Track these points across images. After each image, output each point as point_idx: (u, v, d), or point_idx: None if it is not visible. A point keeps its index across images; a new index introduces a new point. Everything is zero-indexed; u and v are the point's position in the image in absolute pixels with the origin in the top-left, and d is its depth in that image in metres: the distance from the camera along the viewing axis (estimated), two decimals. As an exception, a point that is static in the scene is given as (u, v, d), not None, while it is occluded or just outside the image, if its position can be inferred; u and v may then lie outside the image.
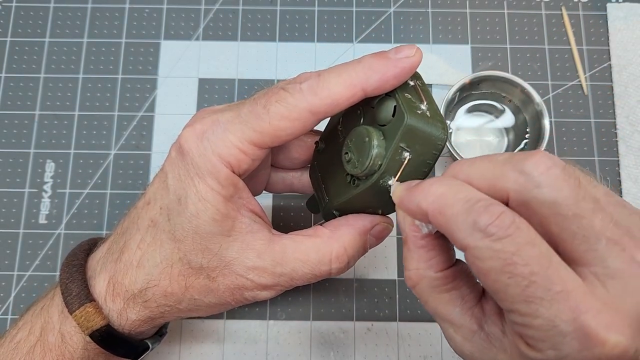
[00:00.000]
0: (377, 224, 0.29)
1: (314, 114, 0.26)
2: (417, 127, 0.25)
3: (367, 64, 0.25)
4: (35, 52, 0.46)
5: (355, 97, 0.26)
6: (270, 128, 0.26)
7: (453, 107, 0.43)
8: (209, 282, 0.28)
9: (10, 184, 0.43)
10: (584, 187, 0.20)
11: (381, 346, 0.39)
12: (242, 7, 0.47)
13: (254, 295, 0.29)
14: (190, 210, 0.27)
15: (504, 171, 0.21)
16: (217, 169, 0.26)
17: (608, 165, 0.43)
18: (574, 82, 0.45)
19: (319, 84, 0.26)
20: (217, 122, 0.27)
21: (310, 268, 0.28)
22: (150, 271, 0.28)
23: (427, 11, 0.47)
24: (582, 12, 0.47)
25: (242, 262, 0.28)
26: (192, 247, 0.27)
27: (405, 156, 0.25)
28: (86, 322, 0.28)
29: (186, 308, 0.29)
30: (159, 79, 0.46)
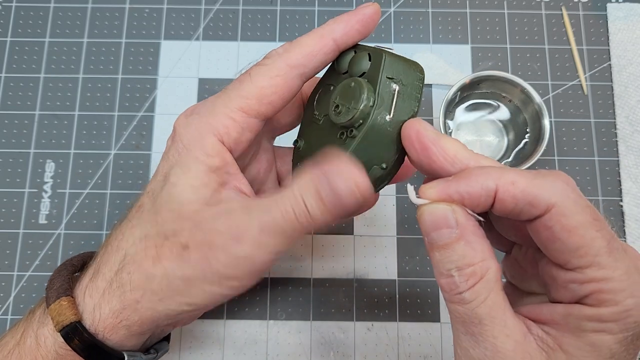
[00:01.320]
0: (329, 164, 0.24)
1: (292, 67, 0.27)
2: (396, 58, 0.26)
3: (332, 19, 0.27)
4: (35, 52, 0.46)
5: (327, 47, 0.27)
6: (254, 88, 0.26)
7: (453, 107, 0.43)
8: (181, 250, 0.26)
9: (10, 184, 0.43)
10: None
11: (381, 346, 0.39)
12: (242, 7, 0.47)
13: (228, 254, 0.25)
14: (171, 181, 0.26)
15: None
16: (203, 137, 0.26)
17: (608, 165, 0.43)
18: (574, 82, 0.45)
19: (292, 44, 0.27)
20: (206, 100, 0.28)
21: (278, 210, 0.25)
22: (128, 251, 0.27)
23: (427, 11, 0.47)
24: (582, 12, 0.47)
25: (214, 219, 0.26)
26: (168, 216, 0.26)
27: (394, 87, 0.25)
28: (58, 316, 0.27)
29: (159, 289, 0.26)
30: (159, 79, 0.46)
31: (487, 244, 0.23)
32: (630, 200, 0.42)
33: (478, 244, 0.22)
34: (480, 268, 0.22)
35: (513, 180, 0.22)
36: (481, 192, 0.22)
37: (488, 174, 0.22)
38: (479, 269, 0.22)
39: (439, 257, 0.23)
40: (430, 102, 0.45)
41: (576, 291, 0.21)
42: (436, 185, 0.23)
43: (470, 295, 0.22)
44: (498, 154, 0.43)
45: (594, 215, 0.21)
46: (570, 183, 0.22)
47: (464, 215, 0.22)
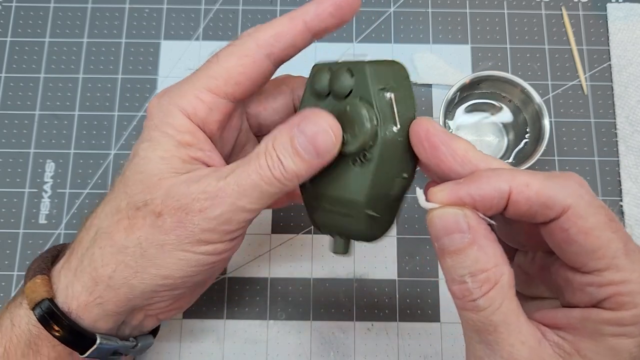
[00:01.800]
0: (304, 119, 0.24)
1: (260, 46, 0.26)
2: (377, 64, 0.25)
3: (306, 3, 0.26)
4: (35, 52, 0.46)
5: (297, 27, 0.26)
6: (221, 68, 0.26)
7: (453, 107, 0.43)
8: (154, 219, 0.25)
9: (10, 184, 0.43)
10: None
11: (381, 346, 0.39)
12: (242, 7, 0.47)
13: (203, 217, 0.25)
14: (140, 155, 0.26)
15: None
16: (172, 114, 0.26)
17: (608, 165, 0.43)
18: (574, 82, 0.45)
19: (263, 25, 0.27)
20: (178, 82, 0.28)
21: (253, 169, 0.25)
22: (100, 226, 0.27)
23: (427, 11, 0.47)
24: (582, 12, 0.47)
25: (185, 185, 0.25)
26: (138, 187, 0.26)
27: (389, 96, 0.24)
28: (32, 293, 0.27)
29: (132, 261, 0.26)
30: (159, 79, 0.46)
31: (499, 249, 0.22)
32: (630, 201, 0.42)
33: (491, 248, 0.21)
34: (494, 273, 0.21)
35: (527, 182, 0.21)
36: (494, 194, 0.21)
37: (500, 176, 0.21)
38: (492, 274, 0.21)
39: (450, 263, 0.22)
40: (430, 102, 0.45)
41: (594, 294, 0.21)
42: (446, 188, 0.22)
43: (485, 302, 0.21)
44: (498, 154, 0.43)
45: (610, 216, 0.21)
46: (583, 184, 0.21)
47: (475, 219, 0.22)
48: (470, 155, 0.23)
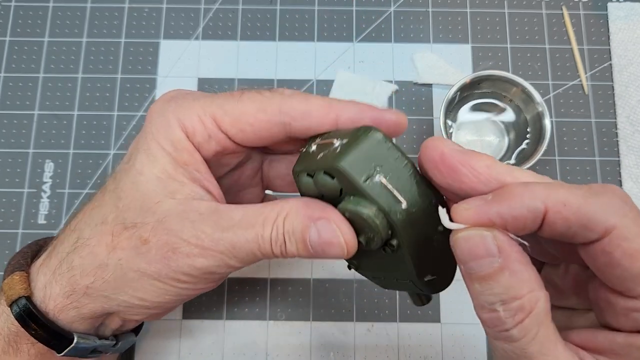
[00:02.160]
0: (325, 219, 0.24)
1: (281, 113, 0.25)
2: (349, 150, 0.22)
3: (352, 102, 0.25)
4: (34, 52, 0.46)
5: (328, 117, 0.25)
6: (236, 108, 0.25)
7: (453, 107, 0.43)
8: (139, 243, 0.25)
9: (9, 184, 0.43)
10: None
11: (381, 347, 0.39)
12: (241, 6, 0.47)
13: (189, 263, 0.25)
14: (136, 167, 0.26)
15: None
16: (171, 128, 0.25)
17: (609, 165, 0.43)
18: (574, 81, 0.45)
19: (301, 94, 0.26)
20: (191, 94, 0.27)
21: (253, 234, 0.24)
22: (82, 232, 0.26)
23: (428, 10, 0.47)
24: (583, 11, 0.47)
25: (180, 220, 0.25)
26: (130, 204, 0.25)
27: (379, 180, 0.22)
28: (9, 290, 0.26)
29: (112, 279, 0.26)
30: (159, 79, 0.45)
31: (534, 272, 0.20)
32: (631, 201, 0.42)
33: (525, 272, 0.19)
34: (528, 301, 0.19)
35: (565, 199, 0.19)
36: (527, 214, 0.19)
37: (534, 193, 0.19)
38: (527, 302, 0.19)
39: (479, 289, 0.20)
40: (431, 101, 0.45)
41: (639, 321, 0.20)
42: (473, 206, 0.20)
43: (519, 332, 0.19)
44: (499, 154, 0.43)
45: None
46: (627, 200, 0.19)
47: (507, 242, 0.19)
48: (494, 172, 0.21)
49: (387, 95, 0.45)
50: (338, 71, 0.45)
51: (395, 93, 0.45)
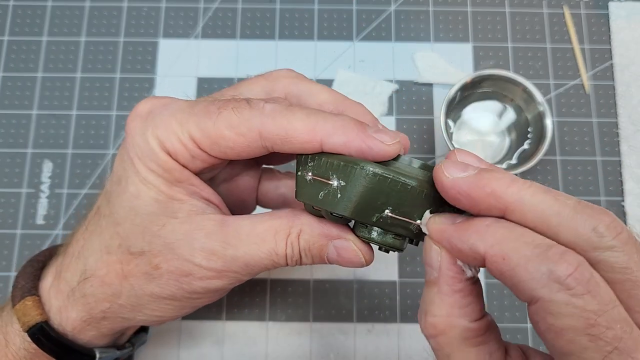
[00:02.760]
0: (343, 239, 0.25)
1: (262, 138, 0.24)
2: (350, 197, 0.22)
3: (341, 122, 0.23)
4: (32, 51, 0.46)
5: (310, 145, 0.23)
6: (214, 131, 0.24)
7: (454, 107, 0.43)
8: (150, 269, 0.25)
9: (7, 184, 0.43)
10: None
11: (382, 348, 0.39)
12: (241, 5, 0.47)
13: (204, 286, 0.25)
14: (130, 191, 0.25)
15: (574, 222, 0.18)
16: (155, 152, 0.25)
17: (610, 165, 0.43)
18: (575, 81, 0.45)
19: (282, 111, 0.24)
20: (166, 107, 0.25)
21: (266, 252, 0.25)
22: (88, 261, 0.26)
23: (428, 10, 0.47)
24: (584, 10, 0.46)
25: (188, 243, 0.24)
26: (131, 230, 0.25)
27: (388, 214, 0.22)
28: (24, 316, 0.26)
29: (128, 304, 0.26)
30: (157, 78, 0.45)
31: (462, 300, 0.21)
32: (632, 201, 0.42)
33: (449, 297, 0.21)
34: (441, 322, 0.21)
35: (505, 254, 0.19)
36: (469, 253, 0.20)
37: (483, 237, 0.19)
38: (440, 322, 0.21)
39: (424, 290, 0.22)
40: (431, 101, 0.45)
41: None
42: (440, 224, 0.21)
43: (434, 344, 0.21)
44: (500, 154, 0.43)
45: (592, 319, 0.17)
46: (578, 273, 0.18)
47: (447, 263, 0.21)
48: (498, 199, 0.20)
49: (388, 95, 0.44)
50: (338, 70, 0.45)
51: (396, 92, 0.45)
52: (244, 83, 0.28)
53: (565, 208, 0.19)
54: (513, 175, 0.20)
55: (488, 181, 0.20)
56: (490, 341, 0.21)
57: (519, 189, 0.19)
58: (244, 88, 0.28)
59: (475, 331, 0.21)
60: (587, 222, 0.18)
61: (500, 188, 0.19)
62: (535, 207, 0.19)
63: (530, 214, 0.19)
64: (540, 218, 0.19)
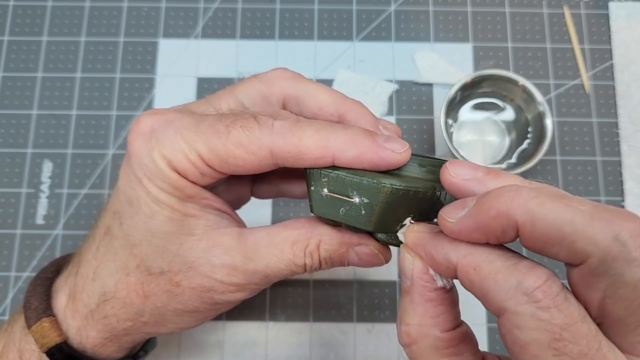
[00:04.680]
0: (364, 245, 0.25)
1: (273, 156, 0.24)
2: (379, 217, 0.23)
3: (351, 135, 0.23)
4: (32, 51, 0.46)
5: (323, 160, 0.23)
6: (224, 151, 0.24)
7: (454, 106, 0.43)
8: (171, 287, 0.25)
9: (7, 184, 0.43)
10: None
11: (381, 348, 0.39)
12: (241, 5, 0.47)
13: (226, 299, 0.26)
14: (143, 211, 0.25)
15: (590, 228, 0.17)
16: (164, 172, 0.24)
17: (610, 165, 0.43)
18: (575, 81, 0.45)
19: (292, 128, 0.24)
20: (170, 124, 0.25)
21: (285, 263, 0.25)
22: (106, 283, 0.26)
23: (428, 10, 0.47)
24: (584, 10, 0.46)
25: (208, 260, 0.25)
26: (149, 250, 0.25)
27: (408, 224, 0.23)
28: (42, 338, 0.26)
29: (152, 321, 0.27)
30: (157, 78, 0.45)
31: (433, 310, 0.21)
32: (632, 201, 0.42)
33: (421, 306, 0.21)
34: (415, 331, 0.21)
35: (476, 264, 0.19)
36: (442, 262, 0.20)
37: (456, 247, 0.20)
38: (412, 330, 0.21)
39: (401, 298, 0.22)
40: (431, 101, 0.45)
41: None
42: (417, 232, 0.22)
43: (409, 353, 0.21)
44: (500, 154, 0.43)
45: (557, 333, 0.17)
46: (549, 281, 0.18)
47: (419, 272, 0.21)
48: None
49: (388, 95, 0.44)
50: (338, 70, 0.45)
51: (396, 92, 0.45)
52: (239, 86, 0.28)
53: (579, 215, 0.17)
54: (515, 183, 0.20)
55: (490, 204, 0.19)
56: (464, 352, 0.21)
57: (525, 200, 0.18)
58: (239, 92, 0.27)
59: (447, 341, 0.21)
60: (606, 228, 0.17)
61: (503, 206, 0.18)
62: (545, 218, 0.18)
63: (541, 226, 0.18)
64: (553, 228, 0.18)
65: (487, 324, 0.39)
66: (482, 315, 0.40)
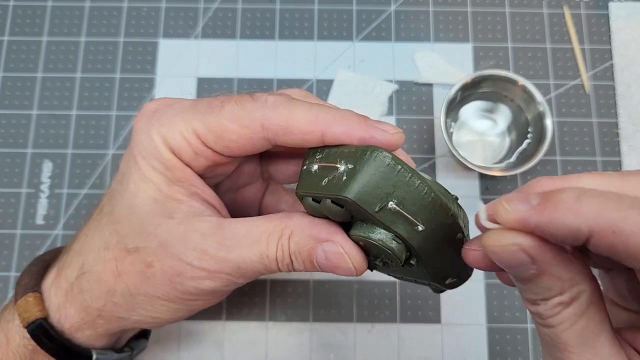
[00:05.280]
0: (332, 242, 0.24)
1: (264, 129, 0.24)
2: (358, 179, 0.21)
3: (342, 113, 0.24)
4: (32, 51, 0.46)
5: (311, 135, 0.24)
6: (217, 124, 0.24)
7: (454, 107, 0.43)
8: (144, 268, 0.25)
9: (7, 184, 0.43)
10: None
11: (381, 348, 0.39)
12: (241, 5, 0.47)
13: (195, 286, 0.25)
14: (130, 189, 0.25)
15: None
16: (159, 150, 0.25)
17: (610, 165, 0.43)
18: (575, 81, 0.45)
19: (284, 103, 0.24)
20: (171, 106, 0.26)
21: (258, 255, 0.24)
22: (87, 257, 0.26)
23: (428, 10, 0.47)
24: (584, 10, 0.46)
25: (182, 243, 0.25)
26: (128, 227, 0.25)
27: (392, 207, 0.21)
28: (24, 312, 0.27)
29: (122, 303, 0.26)
30: (157, 78, 0.45)
31: (576, 266, 0.19)
32: (632, 201, 0.42)
33: (565, 271, 0.18)
34: (569, 295, 0.18)
35: (615, 225, 0.16)
36: (567, 234, 0.17)
37: (580, 212, 0.17)
38: (567, 296, 0.18)
39: (521, 287, 0.20)
40: (431, 101, 0.44)
41: None
42: (514, 210, 0.18)
43: (556, 320, 0.19)
44: (500, 154, 0.43)
45: None
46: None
47: (539, 249, 0.18)
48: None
49: (388, 95, 0.44)
50: (338, 70, 0.45)
51: (396, 92, 0.45)
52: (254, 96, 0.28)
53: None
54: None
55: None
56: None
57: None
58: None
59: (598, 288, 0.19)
60: None
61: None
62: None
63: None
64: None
65: (487, 324, 0.39)
66: (482, 315, 0.40)
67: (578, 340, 0.18)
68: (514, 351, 0.39)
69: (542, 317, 0.19)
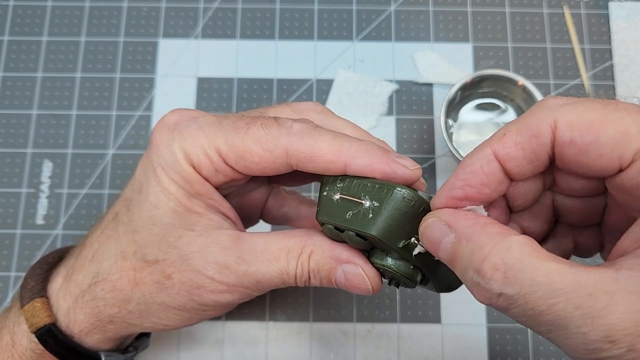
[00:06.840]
0: (353, 264, 0.25)
1: (288, 155, 0.24)
2: (382, 217, 0.23)
3: (365, 146, 0.24)
4: (32, 51, 0.46)
5: (335, 165, 0.24)
6: (241, 146, 0.25)
7: (454, 107, 0.43)
8: (162, 279, 0.25)
9: (7, 183, 0.43)
10: None
11: (382, 348, 0.39)
12: (241, 5, 0.47)
13: (214, 299, 0.26)
14: (150, 200, 0.25)
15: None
16: (180, 164, 0.25)
17: (610, 165, 0.43)
18: (575, 81, 0.45)
19: (310, 132, 0.25)
20: (195, 120, 0.26)
21: (278, 271, 0.25)
22: (102, 265, 0.26)
23: (428, 10, 0.47)
24: (584, 10, 0.46)
25: (202, 256, 0.25)
26: (148, 238, 0.26)
27: (414, 242, 0.23)
28: (32, 317, 0.27)
29: (137, 311, 0.27)
30: (157, 78, 0.45)
31: (496, 224, 0.19)
32: (632, 201, 0.42)
33: (482, 233, 0.19)
34: (497, 252, 0.18)
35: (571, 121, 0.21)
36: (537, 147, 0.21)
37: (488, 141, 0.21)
38: (496, 254, 0.18)
39: (459, 270, 0.20)
40: (431, 101, 0.44)
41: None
42: (440, 193, 0.22)
43: (510, 288, 0.18)
44: (499, 154, 0.43)
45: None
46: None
47: (450, 214, 0.21)
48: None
49: (387, 95, 0.44)
50: (338, 70, 0.45)
51: (396, 92, 0.45)
52: (271, 110, 0.28)
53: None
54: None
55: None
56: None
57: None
58: (270, 113, 0.28)
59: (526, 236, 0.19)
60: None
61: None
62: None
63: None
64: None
65: (487, 324, 0.39)
66: (482, 315, 0.40)
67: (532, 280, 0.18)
68: (514, 351, 0.39)
69: (494, 295, 0.18)
